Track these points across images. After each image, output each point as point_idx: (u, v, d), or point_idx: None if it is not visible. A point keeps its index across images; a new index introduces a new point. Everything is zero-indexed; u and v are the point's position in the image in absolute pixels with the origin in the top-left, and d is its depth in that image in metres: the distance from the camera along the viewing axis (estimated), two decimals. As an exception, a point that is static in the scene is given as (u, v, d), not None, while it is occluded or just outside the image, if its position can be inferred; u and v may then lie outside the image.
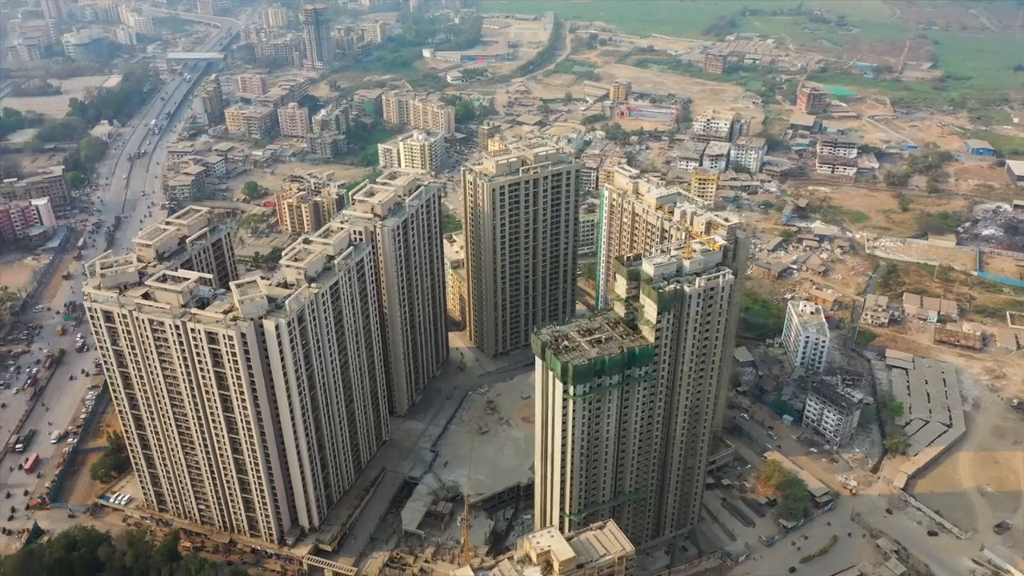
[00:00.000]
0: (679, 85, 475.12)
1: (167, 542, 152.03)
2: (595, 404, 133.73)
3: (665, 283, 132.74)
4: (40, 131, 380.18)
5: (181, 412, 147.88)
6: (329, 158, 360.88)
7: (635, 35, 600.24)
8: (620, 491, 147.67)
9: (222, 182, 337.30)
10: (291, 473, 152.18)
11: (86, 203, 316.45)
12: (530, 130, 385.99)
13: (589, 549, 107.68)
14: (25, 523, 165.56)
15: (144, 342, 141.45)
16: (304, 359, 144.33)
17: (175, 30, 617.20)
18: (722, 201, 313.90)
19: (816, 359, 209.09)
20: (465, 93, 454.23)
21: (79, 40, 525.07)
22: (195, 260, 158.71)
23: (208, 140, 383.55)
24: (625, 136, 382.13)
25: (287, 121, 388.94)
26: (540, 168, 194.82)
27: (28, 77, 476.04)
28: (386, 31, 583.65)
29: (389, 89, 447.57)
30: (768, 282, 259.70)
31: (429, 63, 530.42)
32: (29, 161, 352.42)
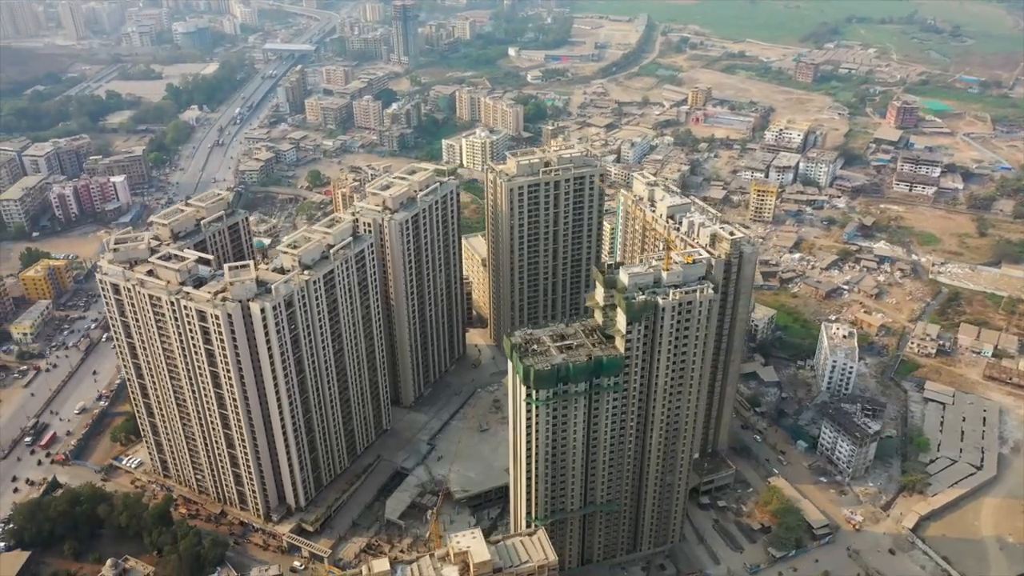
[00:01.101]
0: (763, 93, 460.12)
1: (159, 507, 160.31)
2: (561, 411, 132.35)
3: (640, 293, 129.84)
4: (135, 113, 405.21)
5: (178, 384, 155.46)
6: (395, 151, 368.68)
7: (728, 40, 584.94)
8: (591, 501, 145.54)
9: (290, 169, 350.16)
10: (278, 452, 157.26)
11: (163, 182, 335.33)
12: (597, 132, 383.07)
13: (511, 554, 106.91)
14: (47, 476, 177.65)
15: (145, 315, 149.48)
16: (292, 343, 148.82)
17: (278, 22, 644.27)
18: (783, 215, 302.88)
19: (843, 385, 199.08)
20: (542, 92, 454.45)
21: (185, 29, 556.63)
22: (209, 242, 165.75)
23: (286, 128, 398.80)
24: (695, 143, 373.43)
25: (361, 113, 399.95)
26: (562, 171, 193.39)
27: (135, 62, 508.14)
28: (476, 29, 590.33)
29: (467, 86, 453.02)
30: (814, 301, 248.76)
31: (513, 61, 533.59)
32: (121, 141, 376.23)
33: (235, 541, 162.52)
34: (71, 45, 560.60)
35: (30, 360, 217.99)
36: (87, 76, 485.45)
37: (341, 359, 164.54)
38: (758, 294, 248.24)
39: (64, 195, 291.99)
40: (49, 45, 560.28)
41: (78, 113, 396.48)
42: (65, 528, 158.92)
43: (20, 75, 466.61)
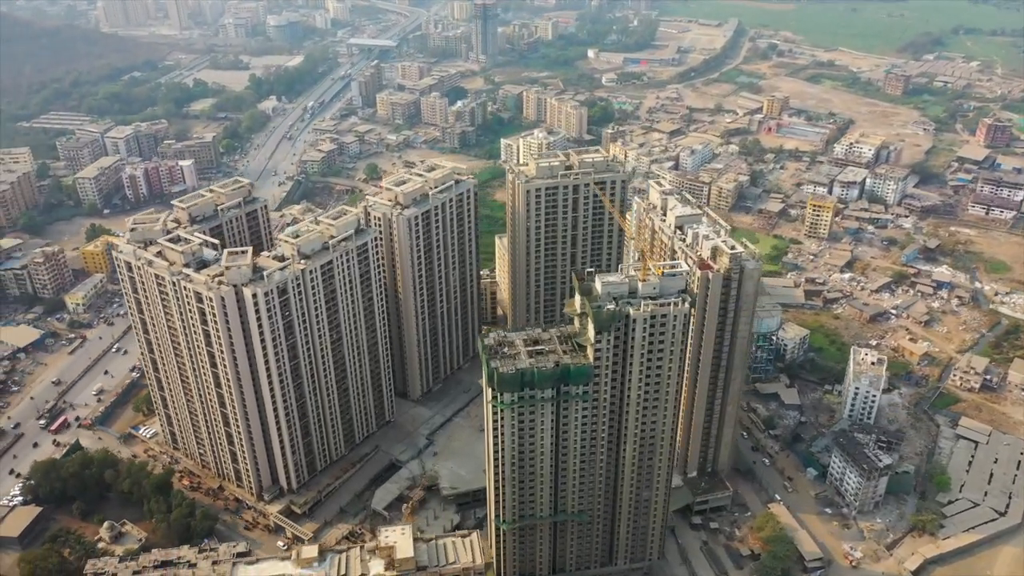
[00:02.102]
0: (846, 104, 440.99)
1: (159, 477, 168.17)
2: (528, 416, 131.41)
3: (613, 303, 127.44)
4: (217, 101, 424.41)
5: (181, 362, 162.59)
6: (456, 148, 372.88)
7: (819, 48, 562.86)
8: (562, 509, 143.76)
9: (352, 161, 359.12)
10: (271, 434, 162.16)
11: (231, 169, 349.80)
12: (659, 138, 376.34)
13: (439, 554, 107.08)
14: (72, 438, 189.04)
15: (152, 294, 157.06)
16: (285, 329, 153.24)
17: (368, 17, 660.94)
18: (842, 232, 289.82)
19: (865, 413, 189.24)
20: (613, 96, 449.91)
21: (277, 22, 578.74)
22: (226, 227, 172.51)
23: (355, 121, 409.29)
24: (761, 153, 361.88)
25: (428, 109, 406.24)
26: (582, 175, 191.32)
27: (226, 53, 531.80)
28: (558, 29, 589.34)
29: (540, 86, 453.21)
30: (857, 324, 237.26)
31: (591, 63, 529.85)
32: (201, 127, 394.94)
33: (227, 516, 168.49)
34: (173, 35, 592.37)
35: (79, 329, 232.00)
36: (181, 65, 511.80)
37: (339, 349, 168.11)
38: (797, 313, 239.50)
39: (135, 176, 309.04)
40: (153, 35, 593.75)
41: (164, 99, 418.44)
42: (75, 489, 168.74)
43: (121, 61, 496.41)
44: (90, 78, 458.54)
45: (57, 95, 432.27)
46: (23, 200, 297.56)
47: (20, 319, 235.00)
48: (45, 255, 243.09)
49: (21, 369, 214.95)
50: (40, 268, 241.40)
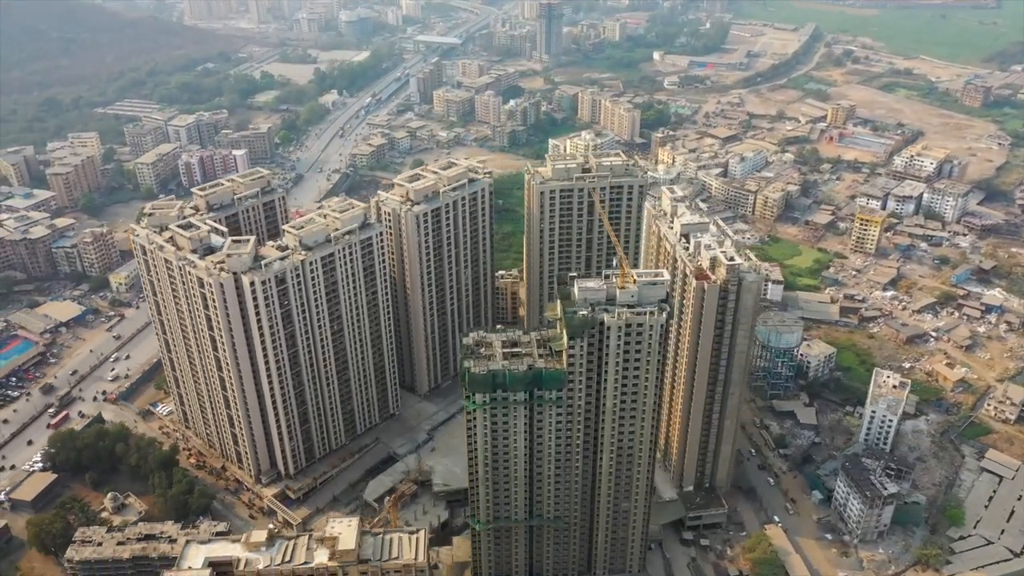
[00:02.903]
0: (917, 115, 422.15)
1: (164, 454, 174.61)
2: (501, 417, 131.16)
3: (589, 309, 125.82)
4: (280, 94, 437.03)
5: (188, 344, 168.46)
6: (505, 147, 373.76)
7: (898, 55, 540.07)
8: (538, 514, 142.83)
9: (401, 156, 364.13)
10: (268, 419, 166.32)
11: (284, 159, 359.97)
12: (712, 143, 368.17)
13: (383, 548, 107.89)
14: (96, 411, 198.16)
15: (163, 277, 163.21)
16: (283, 317, 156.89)
17: (440, 15, 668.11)
18: (891, 248, 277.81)
19: (881, 439, 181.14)
20: (673, 99, 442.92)
21: (349, 18, 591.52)
22: (242, 216, 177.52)
23: (411, 117, 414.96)
24: (817, 163, 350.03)
25: (482, 107, 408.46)
26: (598, 178, 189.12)
27: (296, 47, 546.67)
28: (626, 30, 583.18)
29: (598, 87, 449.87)
30: (892, 345, 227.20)
31: (656, 65, 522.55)
32: (263, 118, 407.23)
33: (227, 496, 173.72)
34: (250, 28, 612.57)
35: (119, 307, 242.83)
36: (253, 57, 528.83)
37: (341, 340, 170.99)
38: (829, 330, 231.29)
39: (190, 163, 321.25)
40: (232, 27, 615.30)
41: (231, 90, 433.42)
42: (89, 459, 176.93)
43: (197, 53, 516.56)
44: (166, 68, 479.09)
45: (133, 84, 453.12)
46: (86, 182, 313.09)
47: (67, 295, 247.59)
48: (94, 235, 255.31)
49: (61, 343, 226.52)
50: (88, 248, 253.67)
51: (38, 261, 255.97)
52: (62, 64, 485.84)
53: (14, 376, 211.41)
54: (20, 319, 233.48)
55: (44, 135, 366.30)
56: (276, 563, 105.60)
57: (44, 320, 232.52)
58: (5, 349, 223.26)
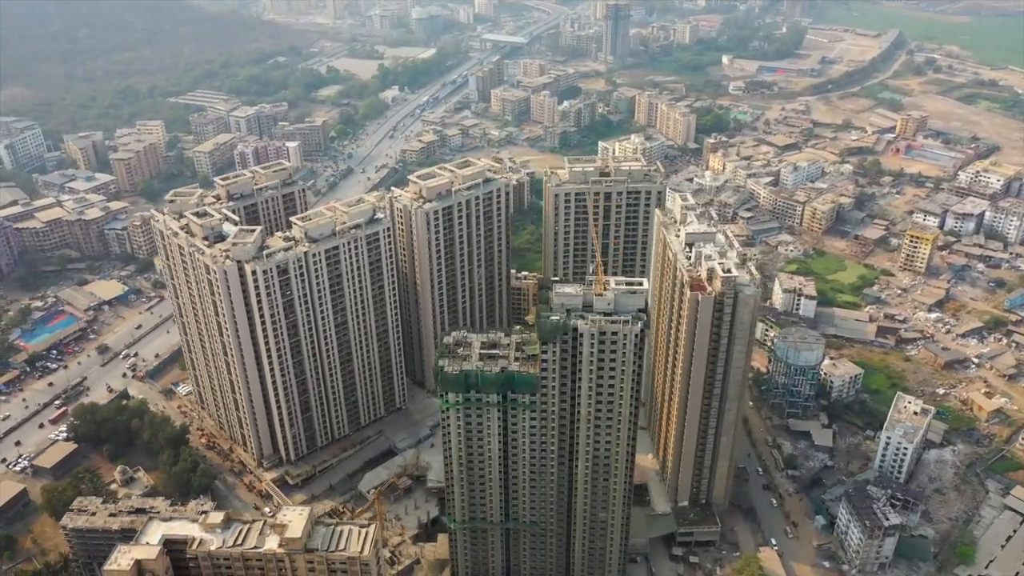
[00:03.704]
0: (996, 129, 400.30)
1: (174, 432, 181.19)
2: (475, 418, 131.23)
3: (565, 314, 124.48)
4: (343, 88, 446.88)
5: (200, 328, 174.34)
6: (555, 148, 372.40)
7: (985, 65, 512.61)
8: (514, 517, 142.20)
9: (452, 154, 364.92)
10: (271, 405, 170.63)
11: (337, 152, 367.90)
12: (768, 151, 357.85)
13: (332, 539, 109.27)
14: (124, 387, 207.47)
15: (177, 262, 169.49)
16: (285, 307, 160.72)
17: (512, 13, 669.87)
18: (944, 268, 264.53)
19: (896, 467, 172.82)
20: (736, 104, 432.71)
21: (419, 15, 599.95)
22: (261, 206, 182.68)
23: (467, 115, 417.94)
24: (878, 175, 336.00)
25: (537, 107, 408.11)
26: (615, 183, 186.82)
27: (365, 43, 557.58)
28: (697, 33, 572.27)
29: (660, 90, 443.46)
30: (929, 369, 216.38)
31: (724, 70, 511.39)
32: (323, 112, 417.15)
33: (231, 477, 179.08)
34: (326, 24, 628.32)
35: (160, 289, 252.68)
36: (324, 52, 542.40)
37: (344, 332, 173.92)
38: (863, 350, 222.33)
39: (244, 153, 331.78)
40: (308, 23, 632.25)
41: (296, 84, 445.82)
42: (108, 433, 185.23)
43: (270, 47, 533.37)
44: (238, 60, 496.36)
45: (206, 75, 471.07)
46: (147, 168, 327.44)
47: (114, 275, 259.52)
48: (143, 219, 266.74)
49: (102, 320, 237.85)
50: (137, 231, 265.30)
51: (91, 241, 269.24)
52: (144, 55, 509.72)
53: (55, 349, 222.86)
54: (68, 295, 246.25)
55: (118, 122, 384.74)
56: (228, 545, 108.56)
57: (89, 297, 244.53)
58: (52, 323, 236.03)
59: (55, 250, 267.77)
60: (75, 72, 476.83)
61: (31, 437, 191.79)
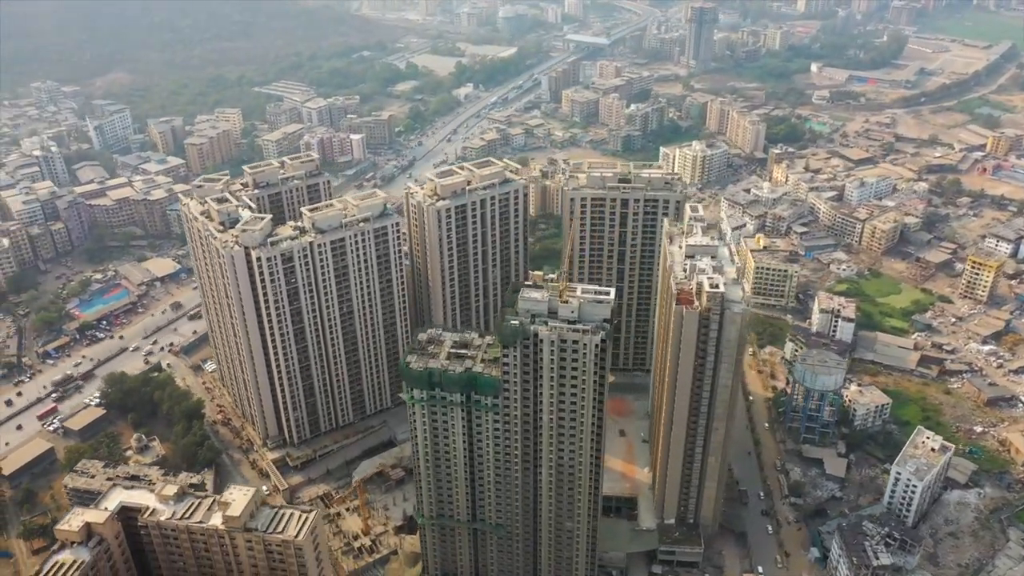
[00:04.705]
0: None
1: (189, 406, 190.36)
2: (441, 416, 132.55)
3: (529, 319, 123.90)
4: (418, 84, 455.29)
5: (217, 308, 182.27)
6: (617, 151, 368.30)
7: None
8: (481, 518, 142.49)
9: (513, 153, 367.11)
10: (275, 388, 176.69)
11: (401, 147, 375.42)
12: (839, 164, 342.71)
13: (273, 522, 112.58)
14: (158, 359, 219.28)
15: (197, 244, 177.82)
16: (289, 294, 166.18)
17: (602, 14, 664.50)
18: (1010, 298, 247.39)
19: (904, 504, 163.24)
20: (816, 114, 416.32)
21: (506, 14, 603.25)
22: (285, 196, 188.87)
23: (536, 115, 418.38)
24: (955, 195, 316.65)
25: (605, 110, 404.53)
26: (632, 190, 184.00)
27: (449, 40, 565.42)
28: (789, 39, 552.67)
29: (737, 97, 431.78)
30: (970, 404, 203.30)
31: (811, 78, 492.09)
32: (397, 106, 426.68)
33: (239, 454, 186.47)
34: (416, 20, 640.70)
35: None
36: (409, 48, 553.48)
37: (350, 323, 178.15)
38: (900, 379, 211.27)
39: (310, 143, 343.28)
40: (399, 19, 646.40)
41: (375, 78, 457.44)
42: (133, 402, 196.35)
43: (357, 41, 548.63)
44: (324, 53, 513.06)
45: (293, 67, 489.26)
46: (219, 154, 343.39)
47: (171, 253, 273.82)
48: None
49: (152, 295, 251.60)
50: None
51: (155, 220, 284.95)
52: (239, 45, 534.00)
53: (105, 320, 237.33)
54: (126, 270, 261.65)
55: (203, 108, 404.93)
56: (177, 517, 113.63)
57: (144, 273, 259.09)
58: (108, 295, 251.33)
59: (122, 227, 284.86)
60: (173, 59, 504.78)
61: (68, 400, 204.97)
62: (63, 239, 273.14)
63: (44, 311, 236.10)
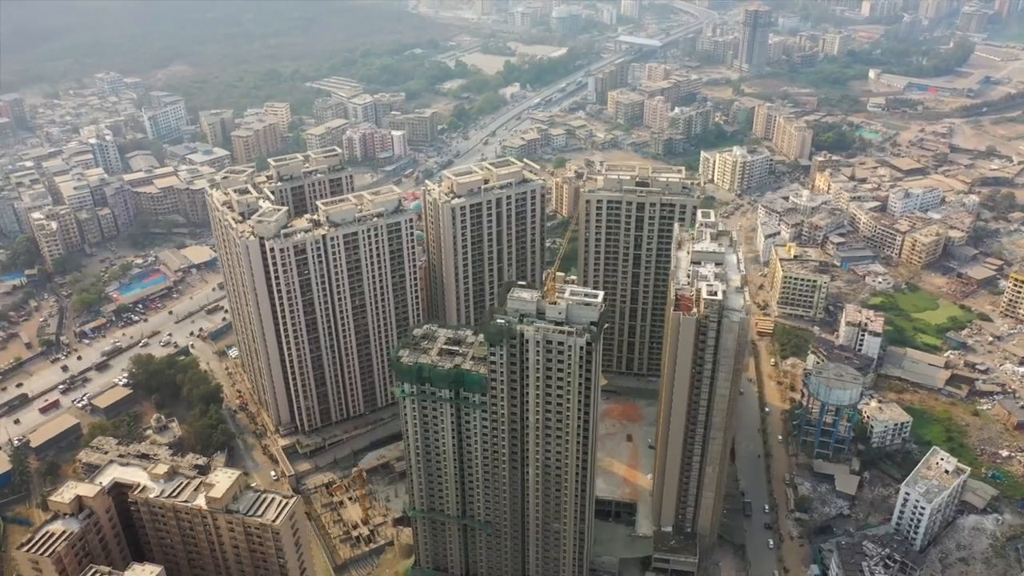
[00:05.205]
0: None
1: (208, 390, 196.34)
2: (431, 411, 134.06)
3: (518, 319, 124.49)
4: (465, 83, 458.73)
5: (236, 296, 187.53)
6: (658, 154, 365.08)
7: None
8: (470, 515, 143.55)
9: (553, 153, 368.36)
10: (287, 377, 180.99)
11: (443, 144, 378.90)
12: (885, 174, 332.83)
13: (254, 505, 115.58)
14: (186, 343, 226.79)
15: (219, 232, 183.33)
16: (301, 285, 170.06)
17: (658, 15, 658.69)
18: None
19: (912, 527, 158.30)
20: (868, 122, 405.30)
21: (559, 14, 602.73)
22: (307, 189, 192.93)
23: (580, 116, 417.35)
24: (1007, 209, 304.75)
25: (650, 112, 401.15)
26: (649, 193, 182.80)
27: (500, 39, 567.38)
28: (848, 44, 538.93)
29: (788, 103, 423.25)
30: (998, 427, 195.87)
31: (868, 85, 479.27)
32: (443, 104, 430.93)
33: (253, 438, 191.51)
34: (471, 18, 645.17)
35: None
36: (460, 46, 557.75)
37: (362, 315, 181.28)
38: (926, 396, 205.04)
39: (352, 139, 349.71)
40: (454, 17, 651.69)
41: (423, 76, 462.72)
42: (158, 383, 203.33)
43: (410, 38, 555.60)
44: (377, 50, 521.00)
45: (345, 63, 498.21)
46: (265, 146, 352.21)
47: (209, 241, 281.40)
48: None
49: (188, 281, 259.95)
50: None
51: (196, 209, 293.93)
52: (295, 41, 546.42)
53: (141, 303, 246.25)
54: (166, 256, 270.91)
55: (255, 101, 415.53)
56: (165, 495, 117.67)
57: (182, 260, 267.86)
58: (147, 280, 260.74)
59: (166, 215, 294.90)
60: (232, 53, 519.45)
61: (99, 379, 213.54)
62: (109, 224, 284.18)
63: (85, 292, 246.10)
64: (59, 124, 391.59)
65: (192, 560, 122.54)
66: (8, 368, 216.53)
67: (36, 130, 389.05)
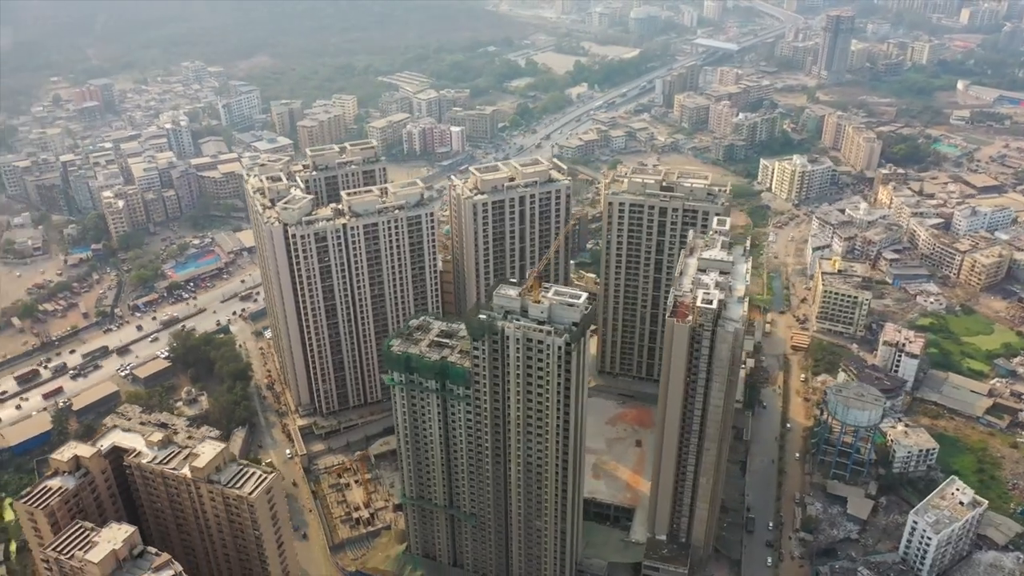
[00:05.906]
0: None
1: (237, 367, 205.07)
2: (417, 400, 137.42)
3: (502, 315, 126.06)
4: (533, 81, 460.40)
5: (266, 278, 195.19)
6: (718, 160, 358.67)
7: None
8: (457, 506, 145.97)
9: (612, 155, 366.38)
10: (307, 359, 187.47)
11: (501, 141, 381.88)
12: (954, 190, 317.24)
13: (235, 478, 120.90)
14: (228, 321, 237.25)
15: (253, 216, 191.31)
16: (321, 271, 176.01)
17: (740, 19, 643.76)
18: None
19: (919, 558, 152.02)
20: (948, 135, 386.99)
21: (638, 15, 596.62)
22: (341, 179, 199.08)
23: (645, 118, 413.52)
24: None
25: (715, 117, 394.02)
26: (671, 199, 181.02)
27: (574, 39, 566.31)
28: (938, 53, 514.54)
29: (863, 112, 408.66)
30: (1018, 456, 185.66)
31: (955, 96, 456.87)
32: (508, 102, 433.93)
33: (275, 416, 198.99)
34: (549, 17, 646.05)
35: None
36: (534, 45, 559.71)
37: (381, 304, 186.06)
38: (962, 424, 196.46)
39: (412, 133, 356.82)
40: (533, 15, 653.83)
41: (492, 73, 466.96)
42: (194, 358, 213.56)
43: (486, 36, 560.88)
44: (450, 47, 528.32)
45: (419, 58, 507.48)
46: (329, 137, 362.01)
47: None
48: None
49: (239, 263, 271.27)
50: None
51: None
52: (373, 35, 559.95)
53: (192, 282, 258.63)
54: (220, 238, 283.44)
55: (327, 93, 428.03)
56: (156, 462, 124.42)
57: (235, 242, 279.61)
58: (202, 259, 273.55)
59: (226, 199, 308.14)
60: (310, 46, 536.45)
61: (143, 350, 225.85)
62: (173, 205, 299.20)
63: (143, 269, 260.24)
64: (143, 109, 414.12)
65: (180, 525, 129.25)
66: (65, 335, 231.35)
67: (122, 114, 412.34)
